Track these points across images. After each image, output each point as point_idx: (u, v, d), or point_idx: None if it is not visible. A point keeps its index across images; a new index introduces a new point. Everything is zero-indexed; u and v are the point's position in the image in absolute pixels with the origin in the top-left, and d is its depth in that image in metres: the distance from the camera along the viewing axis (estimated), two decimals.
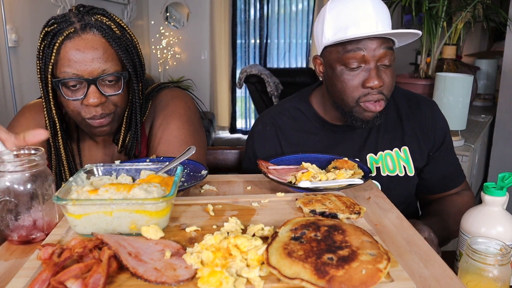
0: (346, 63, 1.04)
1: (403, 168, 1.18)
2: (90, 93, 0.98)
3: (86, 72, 0.96)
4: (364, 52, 1.02)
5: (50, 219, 0.74)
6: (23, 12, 2.79)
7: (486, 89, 3.05)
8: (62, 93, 0.98)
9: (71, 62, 0.95)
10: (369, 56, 1.03)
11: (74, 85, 0.97)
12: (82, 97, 0.98)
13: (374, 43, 1.02)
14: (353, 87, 1.06)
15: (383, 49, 1.03)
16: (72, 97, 0.98)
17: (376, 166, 1.18)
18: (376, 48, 1.02)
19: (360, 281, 0.52)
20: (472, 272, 0.73)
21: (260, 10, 5.78)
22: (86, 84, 0.97)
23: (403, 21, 4.57)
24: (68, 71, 0.96)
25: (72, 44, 0.96)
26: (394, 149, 1.18)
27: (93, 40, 0.97)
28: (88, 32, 0.97)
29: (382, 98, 1.06)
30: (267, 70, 5.01)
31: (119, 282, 0.56)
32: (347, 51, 1.03)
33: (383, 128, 1.19)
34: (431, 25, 2.30)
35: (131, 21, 4.75)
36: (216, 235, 0.63)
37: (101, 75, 0.97)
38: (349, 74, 1.05)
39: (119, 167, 0.86)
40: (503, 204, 0.83)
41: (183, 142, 1.13)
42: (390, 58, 1.05)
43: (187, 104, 1.19)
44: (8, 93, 2.69)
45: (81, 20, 0.97)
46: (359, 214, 0.75)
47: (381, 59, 1.04)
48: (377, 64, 1.04)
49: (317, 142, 1.20)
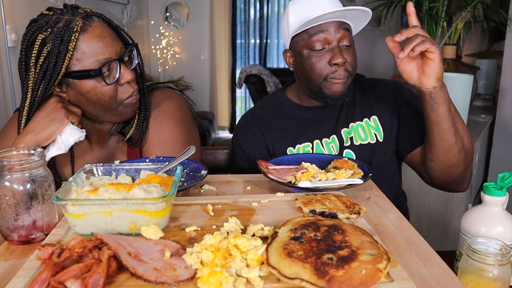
0: (311, 47, 1.17)
1: (374, 135, 1.27)
2: (124, 71, 1.01)
3: (114, 53, 0.99)
4: (325, 34, 1.16)
5: (49, 219, 0.74)
6: (23, 12, 2.78)
7: (486, 89, 3.05)
8: (104, 80, 0.97)
9: (98, 49, 0.96)
10: (330, 37, 1.16)
11: (106, 71, 0.98)
12: (117, 77, 1.00)
13: (333, 26, 1.16)
14: (321, 67, 1.18)
15: (342, 30, 1.17)
16: (109, 82, 0.99)
17: (350, 137, 1.27)
18: (335, 29, 1.16)
19: (360, 281, 0.52)
20: (472, 272, 0.73)
21: (260, 10, 5.78)
22: (116, 64, 0.99)
23: (403, 21, 4.57)
24: (99, 58, 0.97)
25: (90, 35, 0.96)
26: (364, 119, 1.28)
27: (102, 25, 1.00)
28: (93, 20, 0.99)
29: (347, 75, 1.19)
30: (267, 70, 5.01)
31: (119, 282, 0.56)
32: (310, 35, 1.17)
33: (352, 104, 1.30)
34: (431, 25, 2.30)
35: (131, 21, 4.75)
36: (216, 235, 0.63)
37: (122, 52, 1.01)
38: (315, 56, 1.18)
39: (119, 167, 0.86)
40: (503, 204, 0.83)
41: (176, 142, 1.14)
42: (349, 39, 1.19)
43: (178, 104, 1.20)
44: (8, 93, 2.69)
45: (76, 14, 0.98)
46: (359, 214, 0.75)
47: (341, 39, 1.17)
48: (339, 45, 1.18)
49: (295, 125, 1.31)
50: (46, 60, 0.96)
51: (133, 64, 1.06)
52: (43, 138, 0.94)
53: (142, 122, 1.12)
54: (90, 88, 0.99)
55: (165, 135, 1.14)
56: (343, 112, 1.29)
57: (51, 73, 0.96)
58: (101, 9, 4.07)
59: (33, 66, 0.97)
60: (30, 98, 0.99)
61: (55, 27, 0.96)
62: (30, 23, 1.00)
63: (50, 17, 0.97)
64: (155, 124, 1.15)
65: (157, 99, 1.18)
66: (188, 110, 1.23)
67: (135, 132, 1.12)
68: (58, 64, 0.95)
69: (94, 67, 0.97)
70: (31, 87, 0.98)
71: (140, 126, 1.12)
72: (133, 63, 1.06)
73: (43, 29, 0.96)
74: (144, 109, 1.13)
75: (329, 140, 1.27)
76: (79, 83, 0.98)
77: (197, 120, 1.30)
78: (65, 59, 0.95)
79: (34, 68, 0.97)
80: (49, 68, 0.96)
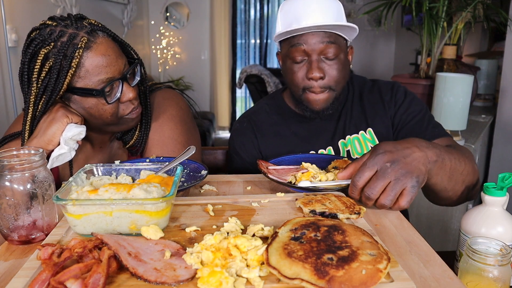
0: (291, 57, 1.14)
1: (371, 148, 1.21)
2: (126, 89, 1.00)
3: (117, 72, 0.98)
4: (304, 46, 1.10)
5: (50, 219, 0.74)
6: (23, 12, 2.79)
7: (486, 89, 3.04)
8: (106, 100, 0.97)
9: (101, 68, 0.95)
10: (309, 50, 1.10)
11: (108, 90, 0.98)
12: (118, 96, 0.99)
13: (314, 38, 1.09)
14: (299, 79, 1.14)
15: (324, 43, 1.10)
16: (111, 101, 0.98)
17: (346, 150, 1.24)
18: (316, 42, 1.10)
19: (360, 281, 0.52)
20: (472, 273, 0.73)
21: (260, 10, 5.79)
22: (118, 83, 0.99)
23: (403, 21, 4.57)
24: (102, 78, 0.95)
25: (95, 52, 0.95)
26: (360, 132, 1.25)
27: (107, 41, 0.98)
28: (98, 36, 0.96)
29: (324, 90, 1.14)
30: (267, 70, 5.01)
31: (119, 282, 0.56)
32: (291, 45, 1.13)
33: (349, 115, 1.26)
34: (432, 25, 2.30)
35: (131, 21, 4.75)
36: (216, 235, 0.63)
37: (125, 70, 1.00)
38: (295, 67, 1.14)
39: (119, 167, 0.86)
40: (503, 204, 0.83)
41: (177, 142, 1.14)
42: (333, 52, 1.11)
43: (178, 104, 1.20)
44: (8, 93, 2.69)
45: (80, 28, 0.95)
46: (359, 214, 0.75)
47: (322, 52, 1.11)
48: (320, 57, 1.12)
49: (291, 134, 1.27)
50: (47, 75, 0.94)
51: (135, 81, 1.04)
52: (45, 141, 0.94)
53: (143, 133, 1.12)
54: (92, 105, 0.99)
55: (165, 136, 1.14)
56: (341, 122, 1.25)
57: (52, 88, 0.95)
58: (101, 9, 4.07)
59: (35, 81, 0.95)
60: (31, 112, 0.98)
61: (59, 41, 0.93)
62: (32, 32, 0.97)
63: (53, 29, 0.94)
64: (155, 124, 1.15)
65: (157, 99, 1.18)
66: (188, 110, 1.23)
67: (135, 143, 1.12)
68: (59, 80, 0.94)
69: (96, 87, 0.96)
70: (33, 101, 0.97)
71: (140, 138, 1.12)
72: (135, 79, 1.05)
73: (46, 43, 0.93)
74: (145, 122, 1.13)
75: (325, 152, 1.25)
76: (80, 99, 0.98)
77: (197, 120, 1.30)
78: (67, 76, 0.93)
79: (36, 83, 0.95)
80: (50, 83, 0.94)
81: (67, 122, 0.95)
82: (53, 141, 0.94)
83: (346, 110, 1.26)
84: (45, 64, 0.94)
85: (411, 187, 0.78)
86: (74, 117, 0.96)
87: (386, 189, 0.78)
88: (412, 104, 1.24)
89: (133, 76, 1.05)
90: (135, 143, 1.12)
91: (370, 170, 0.80)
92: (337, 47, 1.12)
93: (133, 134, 1.12)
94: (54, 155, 0.95)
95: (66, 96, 0.99)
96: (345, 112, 1.26)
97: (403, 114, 1.23)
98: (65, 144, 0.95)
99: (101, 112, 1.00)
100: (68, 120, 0.95)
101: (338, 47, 1.12)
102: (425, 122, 1.22)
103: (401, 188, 0.78)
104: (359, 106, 1.27)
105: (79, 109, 1.00)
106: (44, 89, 0.95)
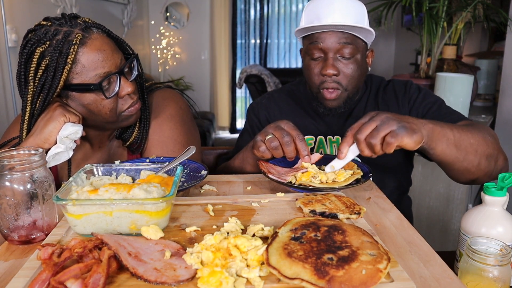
0: (310, 54, 1.18)
1: None
2: (124, 83, 1.00)
3: (114, 66, 0.98)
4: (321, 45, 1.14)
5: (50, 219, 0.74)
6: (23, 12, 2.79)
7: (487, 89, 3.04)
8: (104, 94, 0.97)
9: (97, 63, 0.95)
10: (325, 48, 1.14)
11: (105, 85, 0.98)
12: (116, 91, 0.99)
13: (332, 37, 1.13)
14: (314, 74, 1.19)
15: (341, 43, 1.13)
16: (109, 95, 0.98)
17: None
18: (333, 41, 1.13)
19: (360, 281, 0.52)
20: (472, 273, 0.73)
21: (260, 10, 5.78)
22: (116, 77, 0.98)
23: (403, 21, 4.57)
24: (99, 72, 0.95)
25: (90, 48, 0.95)
26: None
27: (102, 37, 0.98)
28: (92, 32, 0.97)
29: (337, 87, 1.17)
30: (267, 70, 5.01)
31: (119, 282, 0.56)
32: (310, 42, 1.17)
33: (362, 113, 1.27)
34: (432, 25, 2.30)
35: (131, 21, 4.74)
36: (216, 235, 0.63)
37: (122, 64, 1.00)
38: (312, 63, 1.19)
39: (119, 167, 0.86)
40: (503, 204, 0.83)
41: (177, 142, 1.14)
42: (349, 52, 1.14)
43: (178, 104, 1.20)
44: (8, 93, 2.69)
45: (74, 26, 0.96)
46: (359, 214, 0.75)
47: (338, 51, 1.15)
48: (336, 56, 1.15)
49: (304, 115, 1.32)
50: (44, 73, 0.94)
51: (133, 75, 1.05)
52: (42, 139, 0.94)
53: (142, 130, 1.12)
54: (90, 101, 0.99)
55: (165, 136, 1.14)
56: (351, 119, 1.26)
57: (49, 86, 0.95)
58: (101, 9, 4.07)
59: (31, 80, 0.95)
60: (29, 111, 0.98)
61: (54, 39, 0.94)
62: (28, 34, 0.98)
63: (48, 29, 0.95)
64: (155, 124, 1.15)
65: (156, 99, 1.18)
66: (188, 110, 1.23)
67: (135, 140, 1.12)
68: (56, 77, 0.94)
69: (93, 82, 0.96)
70: (30, 100, 0.97)
71: (140, 135, 1.12)
72: (133, 74, 1.05)
73: (42, 42, 0.94)
74: (144, 119, 1.13)
75: (333, 139, 1.27)
76: (78, 96, 0.98)
77: (197, 120, 1.30)
78: (63, 72, 0.94)
79: (33, 81, 0.95)
80: (47, 81, 0.94)
81: (64, 121, 0.94)
82: (50, 140, 0.94)
83: (360, 108, 1.28)
84: (42, 63, 0.94)
85: (397, 128, 0.85)
86: (71, 116, 0.96)
87: (373, 130, 0.87)
88: (426, 96, 1.25)
89: (131, 71, 1.05)
90: (134, 140, 1.12)
91: (364, 119, 0.91)
92: (354, 48, 1.14)
93: (132, 131, 1.11)
94: (50, 154, 0.94)
95: (64, 94, 0.99)
96: (358, 110, 1.29)
97: (419, 108, 1.24)
98: (61, 143, 0.94)
99: (100, 108, 0.99)
100: (65, 119, 0.94)
101: (354, 47, 1.15)
102: (443, 111, 1.21)
103: (387, 129, 0.85)
104: (373, 104, 1.30)
105: (78, 107, 1.00)
106: (41, 88, 0.95)
